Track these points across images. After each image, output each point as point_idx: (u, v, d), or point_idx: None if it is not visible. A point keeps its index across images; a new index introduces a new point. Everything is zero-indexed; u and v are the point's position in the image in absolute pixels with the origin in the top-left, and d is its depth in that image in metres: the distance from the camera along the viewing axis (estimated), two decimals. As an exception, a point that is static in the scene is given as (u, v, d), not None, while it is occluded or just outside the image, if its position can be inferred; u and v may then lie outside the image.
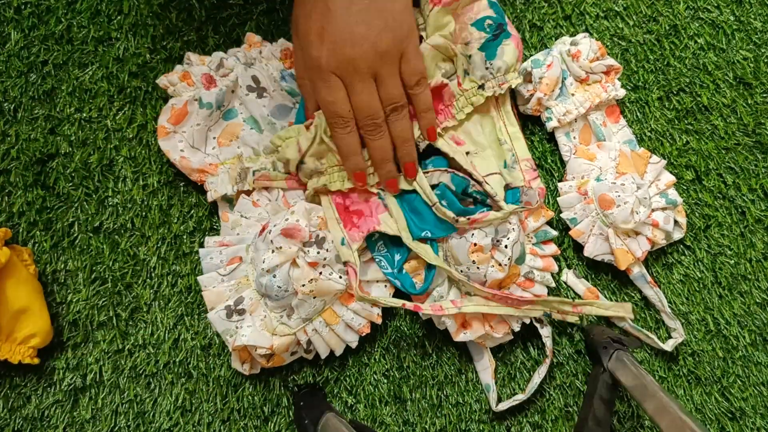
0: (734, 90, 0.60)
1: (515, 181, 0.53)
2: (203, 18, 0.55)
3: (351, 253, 0.48)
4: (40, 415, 0.52)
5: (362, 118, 0.45)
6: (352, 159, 0.47)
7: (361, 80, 0.44)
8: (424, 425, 0.54)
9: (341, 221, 0.50)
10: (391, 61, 0.44)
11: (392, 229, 0.50)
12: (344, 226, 0.49)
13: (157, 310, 0.53)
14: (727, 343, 0.58)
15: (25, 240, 0.53)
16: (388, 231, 0.50)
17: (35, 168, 0.53)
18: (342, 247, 0.49)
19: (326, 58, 0.43)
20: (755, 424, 0.57)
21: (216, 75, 0.51)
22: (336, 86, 0.44)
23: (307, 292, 0.47)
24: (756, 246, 0.59)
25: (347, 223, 0.50)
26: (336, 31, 0.42)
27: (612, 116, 0.56)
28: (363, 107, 0.44)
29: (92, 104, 0.54)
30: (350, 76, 0.44)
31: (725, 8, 0.61)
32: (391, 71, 0.44)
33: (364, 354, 0.55)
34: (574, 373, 0.56)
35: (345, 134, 0.45)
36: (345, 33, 0.42)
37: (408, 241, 0.49)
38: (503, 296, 0.49)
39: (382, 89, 0.45)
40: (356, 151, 0.47)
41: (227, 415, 0.53)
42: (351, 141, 0.46)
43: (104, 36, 0.55)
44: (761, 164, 0.59)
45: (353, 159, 0.47)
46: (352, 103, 0.45)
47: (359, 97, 0.44)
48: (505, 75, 0.51)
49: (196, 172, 0.51)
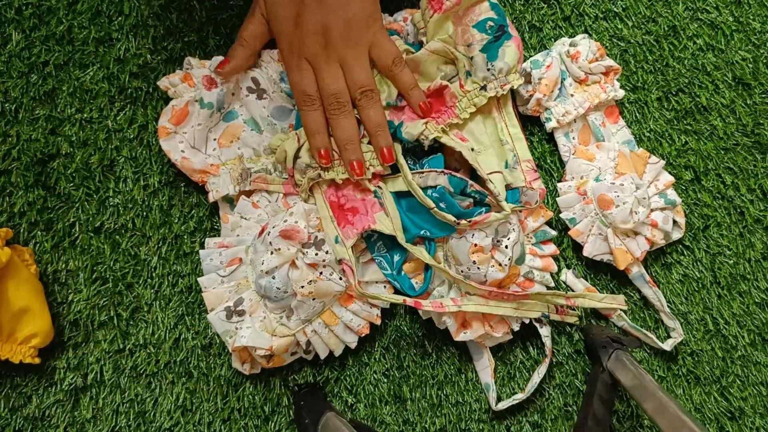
0: (733, 90, 0.60)
1: (516, 182, 0.53)
2: (204, 19, 0.56)
3: (345, 250, 0.49)
4: (41, 414, 0.52)
5: (326, 97, 0.48)
6: (318, 137, 0.49)
7: (327, 63, 0.48)
8: (424, 425, 0.54)
9: (335, 219, 0.50)
10: (356, 47, 0.48)
11: (387, 228, 0.50)
12: (338, 223, 0.50)
13: (158, 309, 0.54)
14: (726, 343, 0.58)
15: (26, 240, 0.53)
16: (384, 230, 0.50)
17: (36, 168, 0.54)
18: (336, 245, 0.49)
19: (298, 44, 0.48)
20: (754, 423, 0.57)
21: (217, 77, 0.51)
22: (305, 69, 0.48)
23: (306, 294, 0.47)
24: (755, 246, 0.59)
25: (341, 221, 0.50)
26: (308, 20, 0.47)
27: (611, 117, 0.57)
28: (327, 87, 0.48)
29: (93, 105, 0.55)
30: (317, 60, 0.48)
31: (724, 9, 0.61)
32: (357, 56, 0.48)
33: (364, 354, 0.55)
34: (573, 373, 0.56)
35: (311, 111, 0.49)
36: (316, 21, 0.47)
37: (403, 241, 0.50)
38: (499, 293, 0.49)
39: (349, 74, 0.48)
40: (321, 128, 0.49)
41: (228, 414, 0.53)
42: (316, 118, 0.49)
43: (105, 37, 0.55)
44: (760, 164, 0.60)
45: (318, 137, 0.49)
46: (319, 84, 0.48)
47: (324, 79, 0.48)
48: (507, 76, 0.51)
49: (197, 173, 0.51)
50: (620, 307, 0.53)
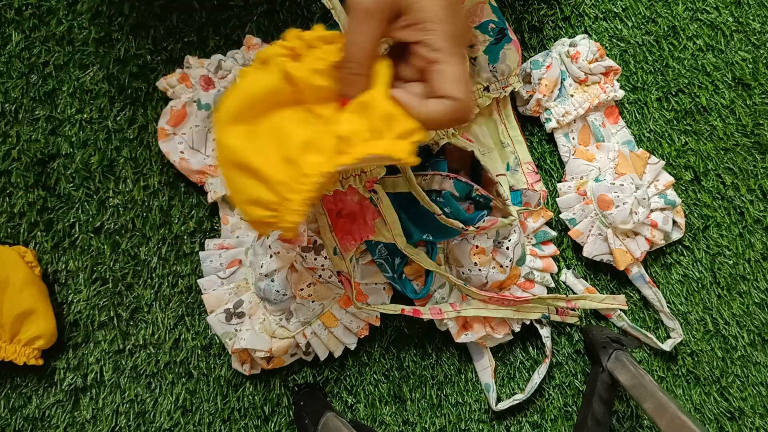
0: (733, 91, 0.60)
1: (518, 184, 0.53)
2: (204, 19, 0.56)
3: (344, 262, 0.48)
4: (41, 415, 0.52)
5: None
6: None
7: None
8: (424, 425, 0.54)
9: (333, 229, 0.49)
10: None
11: (386, 237, 0.49)
12: (337, 234, 0.49)
13: (158, 310, 0.54)
14: (726, 343, 0.58)
15: (26, 240, 0.53)
16: (382, 239, 0.49)
17: (36, 169, 0.54)
18: (335, 256, 0.48)
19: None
20: (754, 423, 0.57)
21: (214, 77, 0.51)
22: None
23: (305, 296, 0.47)
24: (755, 246, 0.59)
25: (340, 231, 0.49)
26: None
27: (611, 117, 0.57)
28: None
29: (93, 105, 0.54)
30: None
31: (724, 9, 0.61)
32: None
33: (364, 354, 0.55)
34: (573, 373, 0.56)
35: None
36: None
37: (402, 246, 0.49)
38: (499, 298, 0.49)
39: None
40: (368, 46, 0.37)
41: (228, 414, 0.53)
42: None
43: (105, 37, 0.55)
44: (760, 165, 0.60)
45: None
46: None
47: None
48: (508, 78, 0.51)
49: (196, 174, 0.51)
50: (621, 307, 0.54)
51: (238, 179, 0.35)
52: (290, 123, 0.35)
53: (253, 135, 0.35)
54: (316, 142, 0.34)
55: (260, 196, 0.34)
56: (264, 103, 0.35)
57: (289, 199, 0.34)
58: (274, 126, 0.35)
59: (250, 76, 0.35)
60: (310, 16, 0.57)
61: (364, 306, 0.48)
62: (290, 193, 0.34)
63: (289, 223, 0.34)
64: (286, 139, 0.34)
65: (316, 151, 0.34)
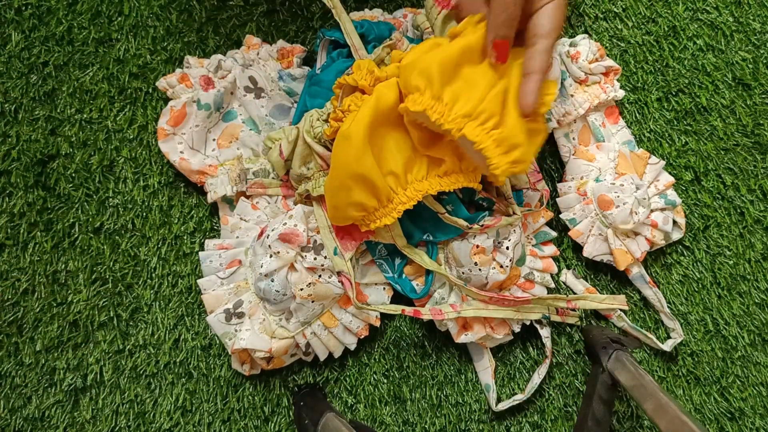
0: (733, 91, 0.60)
1: (520, 183, 0.53)
2: (203, 19, 0.56)
3: (344, 263, 0.48)
4: (41, 415, 0.52)
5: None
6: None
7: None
8: (424, 425, 0.54)
9: (333, 230, 0.49)
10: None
11: (386, 237, 0.49)
12: (337, 234, 0.49)
13: (158, 310, 0.54)
14: (726, 344, 0.58)
15: (26, 240, 0.53)
16: (381, 240, 0.49)
17: (36, 169, 0.54)
18: (335, 257, 0.48)
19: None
20: (754, 424, 0.57)
21: (214, 77, 0.51)
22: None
23: (305, 296, 0.47)
24: (755, 246, 0.59)
25: (340, 231, 0.49)
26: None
27: (611, 117, 0.57)
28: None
29: (93, 105, 0.54)
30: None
31: (724, 9, 0.61)
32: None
33: (364, 354, 0.55)
34: (573, 373, 0.56)
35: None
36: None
37: (401, 246, 0.49)
38: (500, 298, 0.49)
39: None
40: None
41: (227, 415, 0.53)
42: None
43: (105, 37, 0.55)
44: (760, 165, 0.60)
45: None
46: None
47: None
48: None
49: (195, 174, 0.51)
50: (621, 307, 0.53)
51: (349, 184, 0.42)
52: (395, 143, 0.43)
53: (371, 148, 0.41)
54: (412, 164, 0.43)
55: (363, 200, 0.42)
56: (385, 120, 0.42)
57: (390, 207, 0.43)
58: (385, 142, 0.42)
59: (381, 90, 0.41)
60: (310, 16, 0.57)
61: (364, 306, 0.48)
62: (390, 203, 0.43)
63: (381, 224, 0.44)
64: (391, 156, 0.42)
65: (415, 172, 0.44)
